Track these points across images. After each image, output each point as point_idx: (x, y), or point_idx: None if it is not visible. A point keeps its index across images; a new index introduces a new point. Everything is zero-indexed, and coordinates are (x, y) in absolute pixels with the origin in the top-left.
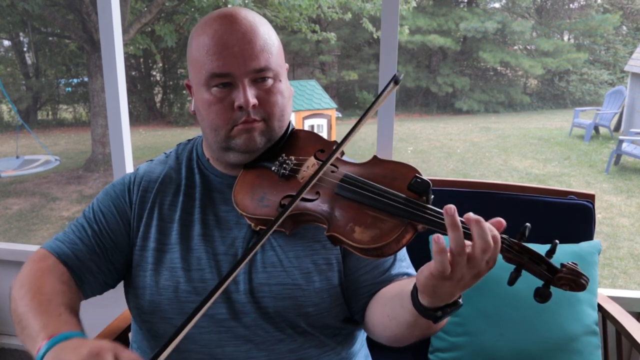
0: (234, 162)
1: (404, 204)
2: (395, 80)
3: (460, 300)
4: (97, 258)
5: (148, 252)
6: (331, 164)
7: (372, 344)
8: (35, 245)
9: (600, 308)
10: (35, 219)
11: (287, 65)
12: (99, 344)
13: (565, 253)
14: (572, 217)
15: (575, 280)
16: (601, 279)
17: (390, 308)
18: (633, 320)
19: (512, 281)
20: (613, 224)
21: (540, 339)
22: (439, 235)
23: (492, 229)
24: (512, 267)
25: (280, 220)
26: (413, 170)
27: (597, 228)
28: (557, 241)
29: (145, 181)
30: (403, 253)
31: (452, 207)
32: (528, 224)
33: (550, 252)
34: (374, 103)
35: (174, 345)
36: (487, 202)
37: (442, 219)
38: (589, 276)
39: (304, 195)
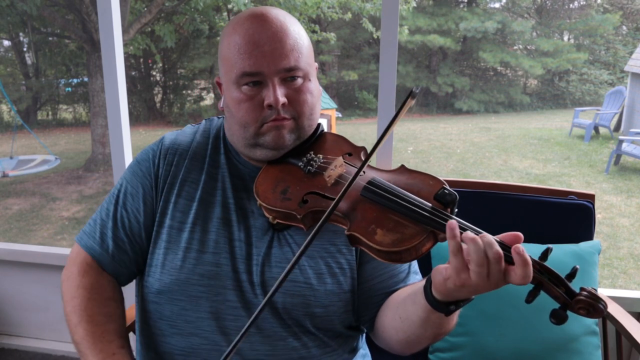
0: (260, 158)
1: (430, 212)
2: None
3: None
4: (130, 248)
5: (164, 229)
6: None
7: (372, 344)
8: (35, 245)
9: None
10: (35, 219)
11: (316, 64)
12: None
13: (565, 253)
14: (572, 217)
15: (593, 305)
16: (601, 279)
17: (402, 309)
18: (633, 320)
19: (529, 298)
20: (613, 224)
21: (540, 339)
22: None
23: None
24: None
25: (328, 214)
26: (441, 182)
27: (597, 228)
28: (577, 266)
29: (171, 154)
30: (416, 265)
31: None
32: (551, 246)
33: (570, 277)
34: (395, 116)
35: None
36: (487, 202)
37: (466, 231)
38: (589, 276)
39: (328, 194)
